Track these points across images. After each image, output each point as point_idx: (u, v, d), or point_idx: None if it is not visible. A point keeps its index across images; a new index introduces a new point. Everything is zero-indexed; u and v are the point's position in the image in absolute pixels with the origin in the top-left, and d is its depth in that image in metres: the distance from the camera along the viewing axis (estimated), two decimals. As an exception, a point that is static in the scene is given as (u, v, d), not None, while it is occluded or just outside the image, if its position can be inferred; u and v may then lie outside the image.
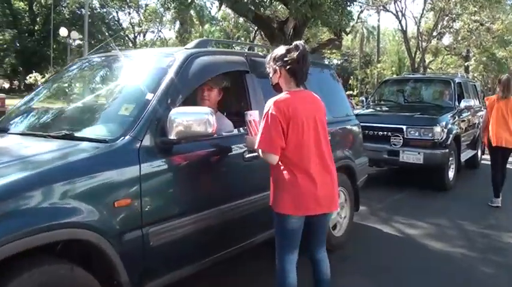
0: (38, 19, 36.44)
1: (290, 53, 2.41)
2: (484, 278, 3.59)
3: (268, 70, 2.54)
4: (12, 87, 38.82)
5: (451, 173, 6.81)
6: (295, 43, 2.45)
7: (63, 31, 22.59)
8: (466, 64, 29.62)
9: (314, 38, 22.06)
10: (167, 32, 58.66)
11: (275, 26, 12.25)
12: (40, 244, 1.81)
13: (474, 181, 7.63)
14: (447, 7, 21.96)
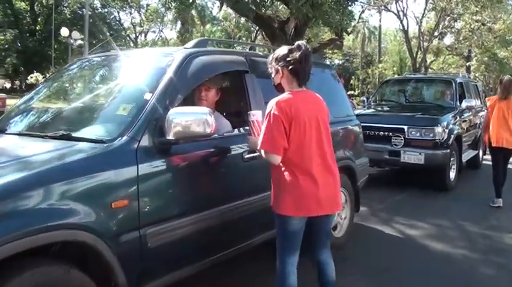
0: (39, 19, 36.55)
1: (292, 53, 2.39)
2: (485, 279, 3.57)
3: (270, 70, 2.52)
4: (13, 87, 38.95)
5: (452, 173, 6.78)
6: (297, 43, 2.43)
7: (64, 31, 22.62)
8: (468, 64, 29.56)
9: (315, 38, 22.01)
10: (168, 32, 58.91)
11: (276, 26, 12.23)
12: (35, 246, 1.79)
13: (475, 181, 7.61)
14: (449, 7, 21.91)
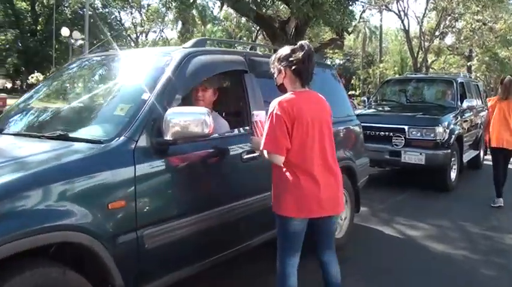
0: (40, 19, 36.55)
1: (295, 53, 2.37)
2: (486, 280, 3.55)
3: (272, 70, 2.49)
4: (14, 87, 38.98)
5: (453, 173, 6.76)
6: (300, 43, 2.40)
7: (65, 31, 22.58)
8: (469, 64, 29.55)
9: (316, 38, 22.03)
10: (169, 32, 58.85)
11: (277, 26, 12.21)
12: (32, 247, 1.78)
13: (476, 182, 7.59)
14: (450, 7, 21.90)
